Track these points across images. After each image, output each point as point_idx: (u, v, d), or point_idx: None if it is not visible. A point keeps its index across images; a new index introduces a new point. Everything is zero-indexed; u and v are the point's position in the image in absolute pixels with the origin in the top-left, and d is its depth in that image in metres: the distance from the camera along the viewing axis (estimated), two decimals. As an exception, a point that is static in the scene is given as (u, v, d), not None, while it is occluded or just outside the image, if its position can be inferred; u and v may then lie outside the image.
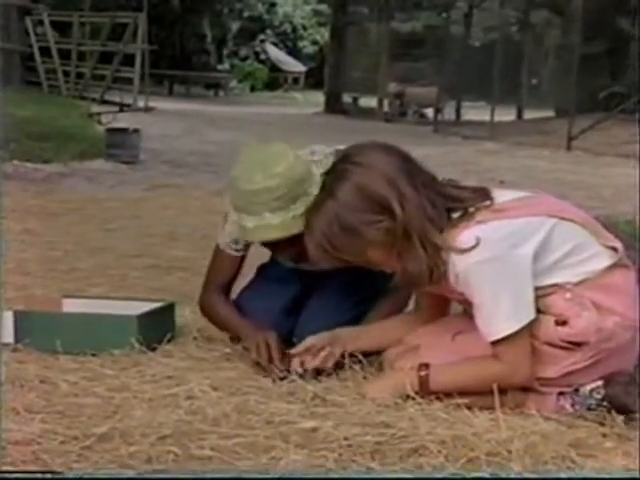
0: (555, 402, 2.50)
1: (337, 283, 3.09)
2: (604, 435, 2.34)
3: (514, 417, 2.39)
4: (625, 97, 15.55)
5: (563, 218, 2.51)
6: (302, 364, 2.74)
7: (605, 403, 2.45)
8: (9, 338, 2.98)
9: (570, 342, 2.44)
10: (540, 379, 2.48)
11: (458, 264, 2.41)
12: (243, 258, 3.13)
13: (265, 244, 2.91)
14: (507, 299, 2.39)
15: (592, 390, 2.48)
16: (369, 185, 2.44)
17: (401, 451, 2.20)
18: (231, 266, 3.13)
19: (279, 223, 2.72)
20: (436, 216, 2.45)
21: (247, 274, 3.25)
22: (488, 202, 2.49)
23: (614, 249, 2.53)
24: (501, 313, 2.40)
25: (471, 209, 2.48)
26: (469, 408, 2.42)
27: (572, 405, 2.49)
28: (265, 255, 3.21)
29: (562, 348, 2.45)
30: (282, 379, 2.69)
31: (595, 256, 2.51)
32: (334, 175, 2.54)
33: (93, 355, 2.88)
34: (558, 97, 19.65)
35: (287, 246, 2.82)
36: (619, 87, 15.82)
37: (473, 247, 2.38)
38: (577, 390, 2.50)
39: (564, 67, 17.07)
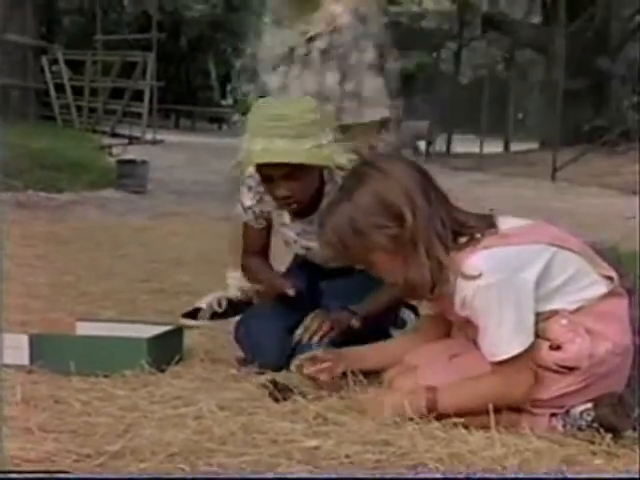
0: (547, 423, 2.45)
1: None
2: (594, 453, 2.30)
3: (508, 435, 2.35)
4: (607, 130, 15.58)
5: (563, 247, 2.47)
6: (300, 368, 2.73)
7: (595, 424, 2.41)
8: (24, 360, 2.93)
9: (563, 366, 2.40)
10: (533, 400, 2.44)
11: (465, 289, 2.38)
12: (269, 228, 3.22)
13: (265, 178, 2.92)
14: (511, 322, 2.35)
15: (582, 412, 2.43)
16: (385, 191, 2.41)
17: (400, 468, 2.16)
18: (259, 236, 3.22)
19: (284, 149, 2.78)
20: (444, 234, 2.42)
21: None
22: (494, 229, 2.46)
23: (609, 278, 2.50)
24: (505, 335, 2.36)
25: (477, 235, 2.44)
26: (466, 427, 2.37)
27: (563, 426, 2.45)
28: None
29: (555, 372, 2.41)
30: (285, 399, 2.66)
31: (591, 284, 2.48)
32: (354, 178, 2.52)
33: (105, 376, 2.85)
34: (543, 130, 19.69)
35: (283, 180, 2.85)
36: (601, 121, 15.85)
37: (480, 273, 2.35)
38: (568, 411, 2.45)
39: (548, 102, 17.10)
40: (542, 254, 2.43)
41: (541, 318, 2.41)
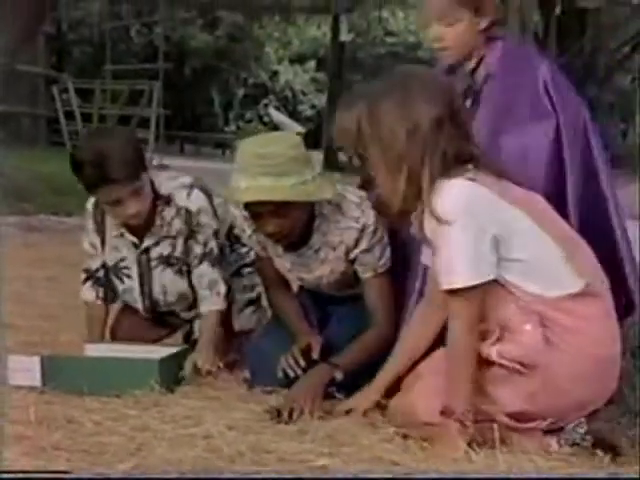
0: (540, 440, 2.38)
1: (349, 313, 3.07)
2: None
3: (511, 456, 2.29)
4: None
5: (543, 227, 2.36)
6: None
7: (588, 438, 2.34)
8: (36, 382, 2.89)
9: (513, 361, 2.30)
10: (511, 414, 2.34)
11: (429, 220, 2.33)
12: None
13: (253, 215, 2.89)
14: (471, 253, 2.28)
15: (575, 425, 2.36)
16: (412, 101, 2.35)
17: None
18: (271, 265, 3.14)
19: (269, 186, 2.74)
20: (437, 165, 2.33)
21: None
22: (495, 172, 2.38)
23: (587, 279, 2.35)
24: (463, 263, 2.28)
25: (470, 165, 2.36)
26: (470, 445, 2.30)
27: (557, 442, 2.37)
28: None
29: (506, 369, 2.32)
30: (291, 418, 2.63)
31: (557, 277, 2.34)
32: (398, 73, 2.50)
33: (116, 396, 2.81)
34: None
35: (271, 217, 2.82)
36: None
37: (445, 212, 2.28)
38: (562, 427, 2.37)
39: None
40: (516, 219, 2.33)
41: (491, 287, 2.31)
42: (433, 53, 3.02)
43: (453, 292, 2.32)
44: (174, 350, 3.12)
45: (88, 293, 3.35)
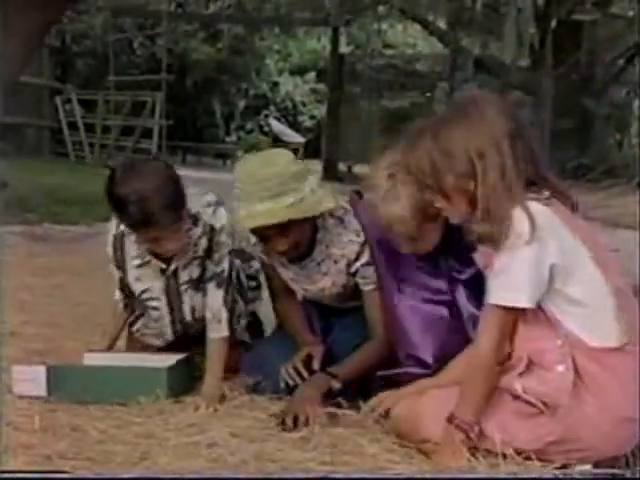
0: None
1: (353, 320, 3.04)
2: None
3: (514, 466, 2.25)
4: (591, 168, 15.58)
5: (600, 268, 2.29)
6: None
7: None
8: (42, 392, 2.86)
9: (538, 398, 2.23)
10: (519, 451, 2.26)
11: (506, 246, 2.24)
12: None
13: (261, 238, 2.89)
14: (532, 275, 2.22)
15: (581, 472, 2.25)
16: (469, 138, 2.29)
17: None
18: (278, 274, 3.14)
19: (265, 210, 2.72)
20: (515, 188, 2.25)
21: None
22: (567, 200, 2.34)
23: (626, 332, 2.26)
24: (522, 284, 2.22)
25: (546, 193, 2.30)
26: (474, 455, 2.26)
27: (555, 475, 2.23)
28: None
29: (527, 403, 2.25)
30: (296, 426, 2.60)
31: (602, 329, 2.25)
32: (449, 112, 2.42)
33: (120, 404, 2.79)
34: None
35: (278, 237, 2.81)
36: (585, 159, 15.86)
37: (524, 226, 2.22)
38: (566, 466, 2.26)
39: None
40: (578, 253, 2.27)
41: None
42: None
43: (496, 307, 2.27)
44: (179, 357, 3.07)
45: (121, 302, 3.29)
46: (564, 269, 2.24)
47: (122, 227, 3.06)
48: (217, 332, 3.05)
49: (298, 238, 2.85)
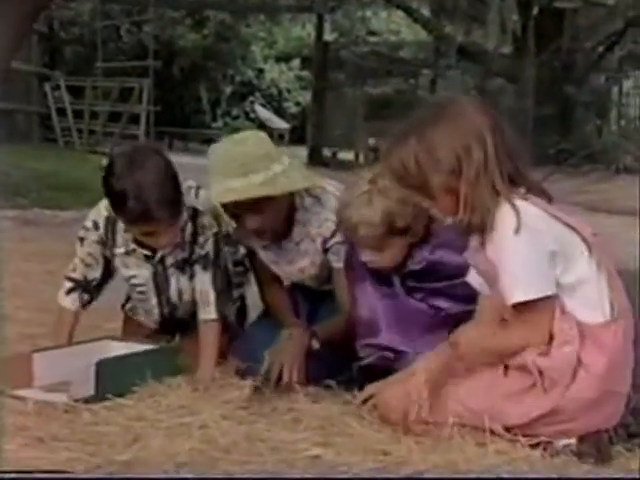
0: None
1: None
2: (583, 461, 2.24)
3: (502, 444, 2.26)
4: (572, 153, 15.60)
5: (591, 254, 2.33)
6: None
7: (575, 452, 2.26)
8: (90, 390, 2.65)
9: (542, 373, 2.25)
10: (510, 427, 2.28)
11: (495, 234, 2.28)
12: None
13: (232, 216, 2.90)
14: (533, 267, 2.25)
15: (565, 446, 2.27)
16: (453, 135, 2.31)
17: (399, 475, 2.11)
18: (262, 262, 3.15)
19: (238, 187, 2.74)
20: (499, 183, 2.29)
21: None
22: (544, 195, 2.36)
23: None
24: (525, 277, 2.25)
25: (522, 190, 2.33)
26: (461, 435, 2.27)
27: (542, 453, 2.25)
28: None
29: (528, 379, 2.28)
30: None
31: (598, 305, 2.30)
32: (429, 112, 2.44)
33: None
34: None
35: (250, 215, 2.82)
36: (566, 144, 15.88)
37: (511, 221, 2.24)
38: (551, 442, 2.27)
39: (518, 127, 17.12)
40: (570, 241, 2.31)
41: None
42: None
43: (520, 306, 2.27)
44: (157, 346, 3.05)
45: (71, 301, 3.15)
46: (564, 255, 2.28)
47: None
48: (207, 314, 3.03)
49: (271, 218, 2.86)
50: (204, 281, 3.04)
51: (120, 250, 3.09)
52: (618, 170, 14.54)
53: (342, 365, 2.85)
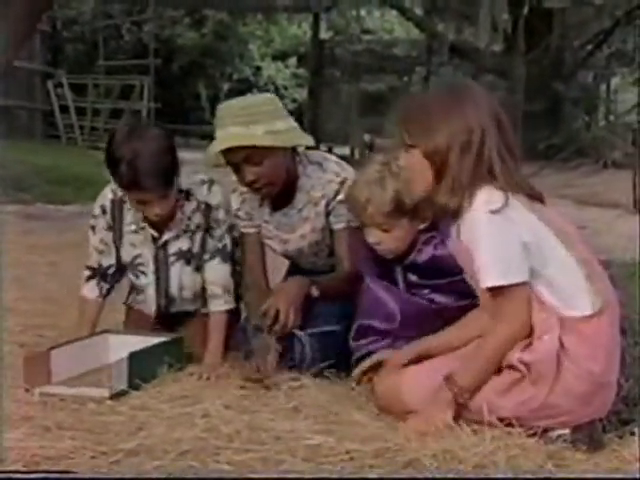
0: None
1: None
2: (576, 449, 2.23)
3: (498, 431, 2.24)
4: (561, 148, 15.60)
5: (568, 249, 2.29)
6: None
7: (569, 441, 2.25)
8: (123, 384, 2.63)
9: (526, 365, 2.22)
10: (502, 419, 2.26)
11: (469, 215, 2.26)
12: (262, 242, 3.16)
13: (231, 167, 2.90)
14: (503, 253, 2.22)
15: (559, 436, 2.25)
16: (462, 110, 2.31)
17: (397, 464, 2.09)
18: (251, 245, 3.13)
19: (239, 134, 2.78)
20: (481, 173, 2.28)
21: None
22: (527, 189, 2.33)
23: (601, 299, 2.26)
24: (495, 263, 2.22)
25: (497, 182, 2.28)
26: (456, 422, 2.26)
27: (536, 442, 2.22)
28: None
29: (516, 370, 2.25)
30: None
31: (578, 298, 2.26)
32: (445, 88, 2.46)
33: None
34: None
35: (248, 166, 2.83)
36: (556, 140, 15.87)
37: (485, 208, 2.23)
38: (546, 431, 2.25)
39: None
40: (545, 235, 2.28)
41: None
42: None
43: (495, 291, 2.25)
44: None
45: (90, 291, 3.14)
46: (537, 248, 2.25)
47: (120, 193, 3.02)
48: (226, 304, 3.04)
49: (269, 171, 2.86)
50: (225, 272, 3.06)
51: (131, 227, 3.07)
52: (606, 164, 14.53)
53: (338, 319, 2.86)
